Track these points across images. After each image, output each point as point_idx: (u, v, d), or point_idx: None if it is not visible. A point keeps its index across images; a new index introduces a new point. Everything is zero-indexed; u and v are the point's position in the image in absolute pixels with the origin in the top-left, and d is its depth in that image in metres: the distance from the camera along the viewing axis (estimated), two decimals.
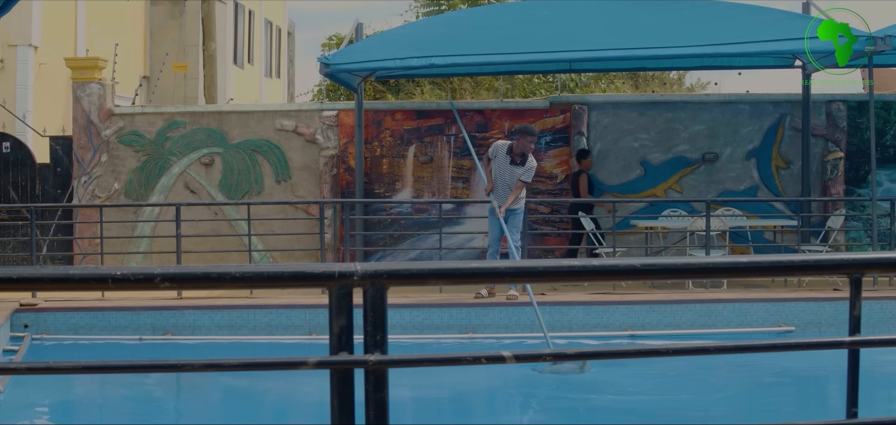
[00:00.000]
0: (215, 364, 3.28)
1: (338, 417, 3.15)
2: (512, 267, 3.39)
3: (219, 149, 18.94)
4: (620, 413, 10.71)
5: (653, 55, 16.66)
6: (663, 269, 3.71)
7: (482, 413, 11.09)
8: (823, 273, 3.75)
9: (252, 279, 3.17)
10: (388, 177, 18.75)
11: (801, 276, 15.53)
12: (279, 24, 44.00)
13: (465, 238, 18.57)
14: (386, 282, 3.17)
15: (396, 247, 18.80)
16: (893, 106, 18.81)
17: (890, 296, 14.61)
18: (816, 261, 4.08)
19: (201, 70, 27.57)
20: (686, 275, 3.71)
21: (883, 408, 9.75)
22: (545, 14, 16.35)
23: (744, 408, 10.87)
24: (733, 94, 19.45)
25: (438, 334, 13.91)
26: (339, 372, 3.13)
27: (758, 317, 14.12)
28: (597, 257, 16.62)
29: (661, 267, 3.64)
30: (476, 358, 3.26)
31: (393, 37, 17.23)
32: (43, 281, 3.34)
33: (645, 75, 28.34)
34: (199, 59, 28.59)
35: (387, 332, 3.17)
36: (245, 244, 18.08)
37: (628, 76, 27.47)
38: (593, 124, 18.68)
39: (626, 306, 14.25)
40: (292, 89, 46.15)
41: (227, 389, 11.50)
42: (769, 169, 18.79)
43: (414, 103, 20.64)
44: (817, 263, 4.22)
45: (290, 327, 14.04)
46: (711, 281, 15.85)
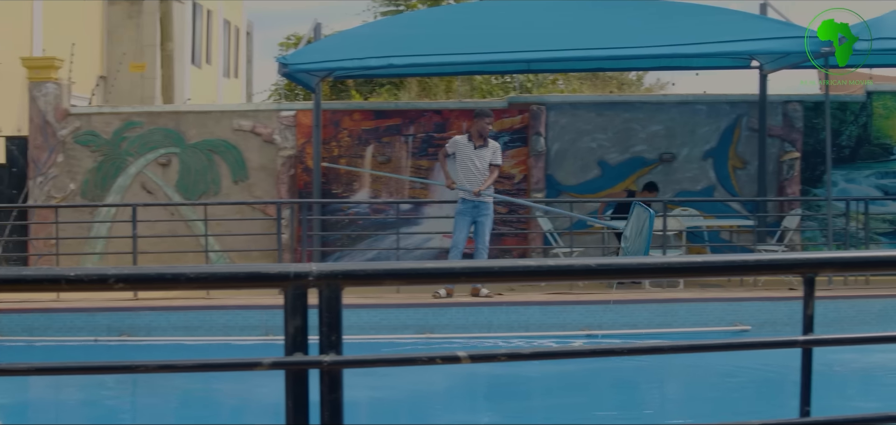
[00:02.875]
0: (169, 365, 3.26)
1: (292, 417, 3.14)
2: (468, 267, 3.39)
3: (176, 150, 18.86)
4: (576, 412, 10.73)
5: (611, 55, 16.70)
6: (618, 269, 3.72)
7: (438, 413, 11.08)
8: (777, 272, 3.77)
9: (207, 280, 3.16)
10: (346, 178, 18.72)
11: (756, 276, 15.61)
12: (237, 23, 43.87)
13: (423, 238, 18.57)
14: (341, 282, 3.16)
15: (354, 248, 18.78)
16: (849, 106, 18.93)
17: (845, 295, 14.70)
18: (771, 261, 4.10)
19: (159, 70, 27.47)
20: (642, 275, 3.72)
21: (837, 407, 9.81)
22: (504, 14, 16.36)
23: (699, 408, 10.91)
24: (690, 95, 19.55)
25: (396, 334, 13.90)
26: (294, 372, 3.13)
27: (714, 317, 14.18)
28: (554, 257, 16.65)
29: (617, 266, 3.65)
30: (431, 359, 3.26)
31: (351, 37, 17.20)
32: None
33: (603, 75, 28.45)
34: (157, 59, 28.48)
35: (342, 333, 3.17)
36: (202, 245, 18.02)
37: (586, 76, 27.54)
38: (551, 124, 18.71)
39: (583, 306, 14.29)
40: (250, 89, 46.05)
41: (184, 390, 11.45)
42: (726, 169, 18.88)
43: (372, 103, 20.63)
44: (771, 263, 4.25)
45: (247, 328, 14.01)
46: (668, 280, 15.91)
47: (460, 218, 15.13)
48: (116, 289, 3.10)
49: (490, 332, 13.83)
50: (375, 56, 15.76)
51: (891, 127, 18.96)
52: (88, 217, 18.78)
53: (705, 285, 16.05)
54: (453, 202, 18.02)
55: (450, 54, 16.34)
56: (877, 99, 19.01)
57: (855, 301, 14.50)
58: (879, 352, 12.34)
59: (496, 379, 11.89)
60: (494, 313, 14.17)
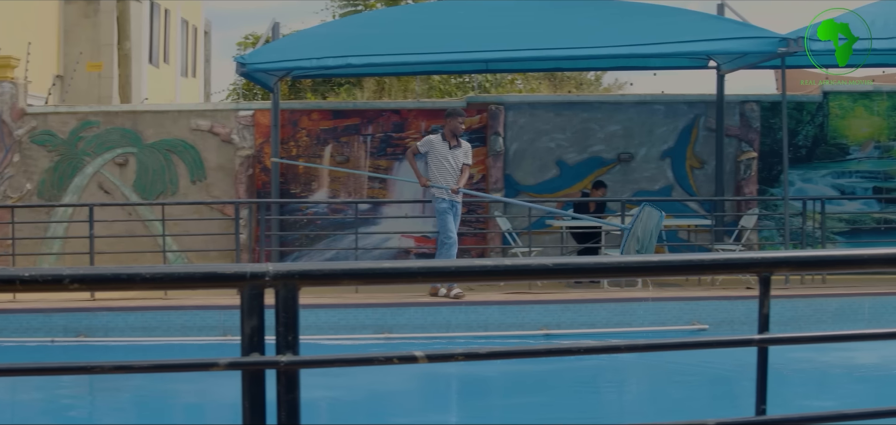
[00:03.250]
0: (126, 366, 3.24)
1: (249, 418, 3.13)
2: (425, 267, 3.39)
3: (133, 149, 18.77)
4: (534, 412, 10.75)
5: (569, 55, 16.72)
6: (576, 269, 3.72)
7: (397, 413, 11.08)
8: (734, 272, 3.78)
9: (163, 280, 3.14)
10: (305, 178, 18.68)
11: (713, 275, 15.67)
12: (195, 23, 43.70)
13: (382, 238, 18.57)
14: (298, 282, 3.15)
15: (312, 248, 18.75)
16: (806, 106, 19.05)
17: (802, 294, 14.78)
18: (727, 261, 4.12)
19: (116, 69, 27.33)
20: (599, 275, 3.73)
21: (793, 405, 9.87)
22: (462, 14, 16.37)
23: (657, 406, 10.95)
24: (648, 95, 19.62)
25: (354, 334, 13.89)
26: (251, 373, 3.12)
27: (672, 316, 14.23)
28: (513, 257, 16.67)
29: (574, 266, 3.65)
30: (388, 359, 3.25)
31: (309, 36, 17.17)
32: None
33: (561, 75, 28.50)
34: (114, 58, 28.33)
35: (299, 333, 3.16)
36: (159, 245, 17.95)
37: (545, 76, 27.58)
38: (510, 124, 18.74)
39: (542, 305, 14.31)
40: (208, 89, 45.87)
41: (142, 391, 11.41)
42: (683, 169, 18.96)
43: (330, 103, 20.59)
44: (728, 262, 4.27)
45: (205, 328, 13.96)
46: (627, 280, 15.96)
47: (446, 216, 15.12)
48: (72, 290, 3.08)
49: (449, 332, 13.85)
50: (333, 56, 15.73)
51: (847, 127, 19.10)
52: (45, 217, 18.66)
53: (663, 284, 16.11)
54: (412, 202, 18.06)
55: (408, 54, 16.33)
56: (833, 99, 19.14)
57: (812, 300, 14.59)
58: (835, 351, 12.42)
59: (455, 379, 11.90)
60: (453, 313, 14.17)
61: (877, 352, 12.60)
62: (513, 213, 17.94)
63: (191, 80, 42.92)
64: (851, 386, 11.85)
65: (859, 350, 12.55)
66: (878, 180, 19.19)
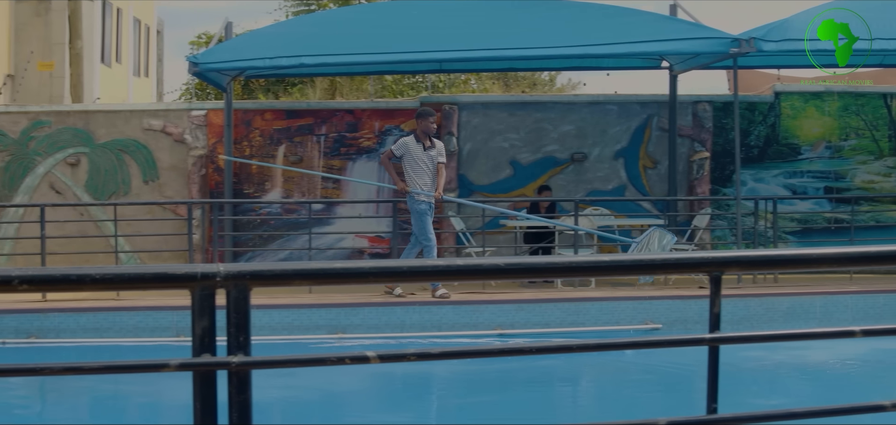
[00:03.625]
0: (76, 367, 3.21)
1: (200, 418, 3.12)
2: (377, 267, 3.38)
3: (85, 149, 18.65)
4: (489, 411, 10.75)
5: (522, 56, 16.75)
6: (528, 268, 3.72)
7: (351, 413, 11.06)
8: (685, 271, 3.80)
9: (113, 281, 3.12)
10: (258, 178, 18.63)
11: (664, 274, 15.74)
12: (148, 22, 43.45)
13: (335, 238, 18.55)
14: (249, 282, 3.14)
15: (266, 248, 18.70)
16: (758, 107, 19.16)
17: (754, 293, 14.86)
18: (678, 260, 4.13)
19: (67, 69, 27.12)
20: (551, 274, 3.74)
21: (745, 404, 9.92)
22: (416, 14, 16.37)
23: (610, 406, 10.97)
24: (601, 95, 19.67)
25: (308, 334, 13.86)
26: (202, 374, 3.10)
27: (625, 315, 14.27)
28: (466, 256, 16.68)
29: (526, 266, 3.65)
30: (340, 359, 3.24)
31: (263, 36, 17.11)
32: None
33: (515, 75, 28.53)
34: (66, 57, 28.12)
35: (250, 334, 3.15)
36: (112, 245, 17.84)
37: (497, 76, 27.61)
38: (463, 124, 18.75)
39: (496, 305, 14.32)
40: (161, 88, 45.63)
41: (95, 393, 11.33)
42: (637, 168, 19.03)
43: (284, 103, 20.53)
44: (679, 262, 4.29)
45: (157, 329, 13.89)
46: (580, 279, 16.00)
47: (425, 217, 15.11)
48: (21, 291, 3.06)
49: (403, 332, 13.83)
50: (287, 55, 15.71)
51: (798, 127, 19.22)
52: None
53: (617, 284, 16.16)
54: (366, 202, 18.05)
55: (362, 54, 16.30)
56: (785, 99, 19.26)
57: (764, 299, 14.67)
58: (787, 350, 12.49)
59: (410, 379, 11.89)
60: (407, 313, 14.16)
61: (828, 351, 12.69)
62: (466, 213, 17.94)
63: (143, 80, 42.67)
64: (802, 384, 11.93)
65: (810, 348, 12.63)
66: (830, 180, 19.32)
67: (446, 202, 16.97)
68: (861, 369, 12.55)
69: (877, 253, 3.78)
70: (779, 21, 15.45)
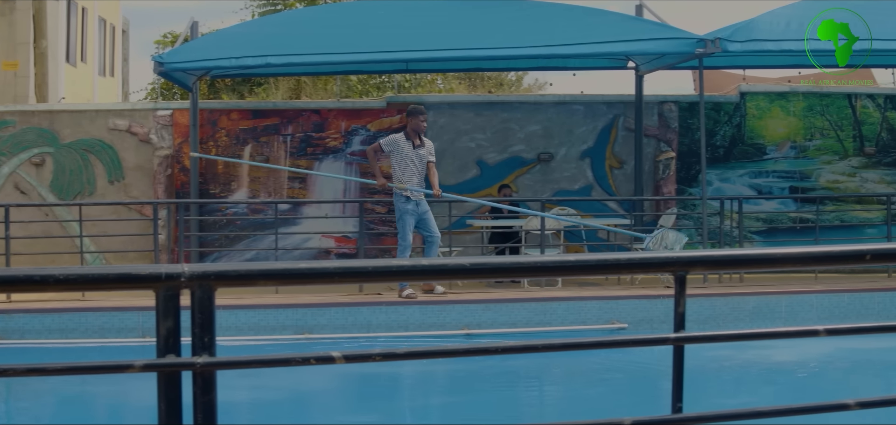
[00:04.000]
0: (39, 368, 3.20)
1: (165, 419, 3.11)
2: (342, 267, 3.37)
3: (50, 149, 18.56)
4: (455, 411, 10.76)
5: (489, 56, 16.78)
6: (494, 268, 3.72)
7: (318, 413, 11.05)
8: (650, 271, 3.80)
9: (76, 281, 3.10)
10: (224, 178, 18.59)
11: (629, 274, 15.78)
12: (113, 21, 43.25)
13: (302, 238, 18.52)
14: (214, 283, 3.13)
15: (232, 248, 18.65)
16: (723, 107, 19.24)
17: (721, 293, 14.91)
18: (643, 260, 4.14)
19: (32, 68, 26.98)
20: (517, 274, 3.74)
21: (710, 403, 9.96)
22: (382, 14, 16.36)
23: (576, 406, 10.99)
24: (568, 95, 19.70)
25: (274, 335, 13.83)
26: (166, 374, 3.09)
27: (591, 315, 14.30)
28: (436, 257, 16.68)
29: (492, 266, 3.65)
30: (305, 359, 3.23)
31: (229, 35, 17.07)
32: None
33: (481, 75, 28.52)
34: (30, 56, 27.96)
35: (215, 334, 3.14)
36: (77, 246, 17.76)
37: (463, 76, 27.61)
38: (430, 124, 18.74)
39: (462, 305, 14.32)
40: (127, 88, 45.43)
41: (59, 394, 11.28)
42: (603, 168, 19.08)
43: (250, 103, 20.48)
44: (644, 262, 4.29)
45: (123, 330, 13.84)
46: (547, 279, 16.03)
47: (407, 217, 15.04)
48: None
49: (370, 332, 13.83)
50: (253, 55, 15.68)
51: (764, 127, 19.31)
52: None
53: (583, 283, 16.19)
54: (333, 202, 18.04)
55: (328, 54, 16.28)
56: (750, 99, 19.35)
57: (730, 298, 14.72)
58: (753, 349, 12.54)
59: (377, 379, 11.89)
60: (374, 313, 14.15)
61: (793, 350, 12.75)
62: (433, 213, 17.95)
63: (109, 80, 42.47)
64: (767, 383, 11.98)
65: (776, 348, 12.68)
66: (795, 180, 19.42)
67: (452, 201, 16.90)
68: (826, 368, 12.62)
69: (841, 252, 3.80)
70: (744, 21, 15.50)
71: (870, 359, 12.53)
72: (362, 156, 18.34)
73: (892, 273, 17.36)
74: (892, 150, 19.58)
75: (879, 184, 19.53)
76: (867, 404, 3.72)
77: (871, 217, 19.48)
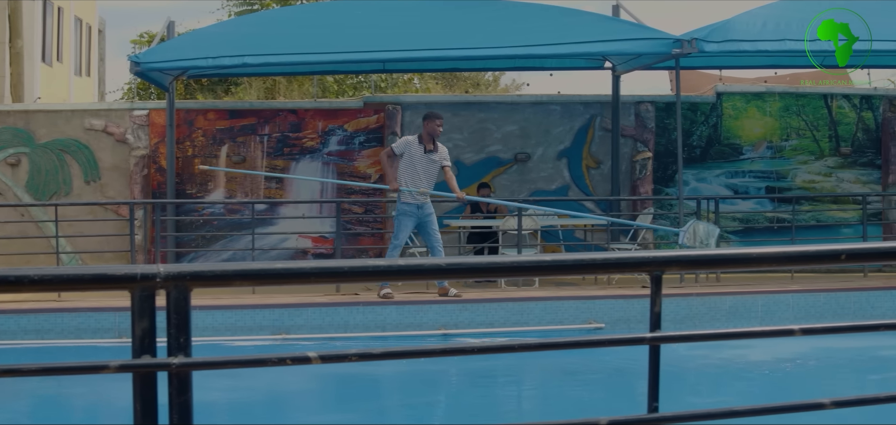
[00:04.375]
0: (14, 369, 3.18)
1: (140, 419, 3.10)
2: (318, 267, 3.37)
3: (25, 149, 18.50)
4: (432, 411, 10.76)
5: (466, 56, 16.79)
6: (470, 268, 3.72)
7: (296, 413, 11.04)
8: (626, 271, 3.81)
9: (51, 282, 3.09)
10: (201, 178, 18.55)
11: (605, 274, 15.80)
12: (89, 21, 43.10)
13: (279, 238, 18.50)
14: (189, 283, 3.12)
15: (209, 248, 18.62)
16: (700, 107, 19.29)
17: (697, 293, 14.94)
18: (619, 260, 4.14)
19: (7, 68, 26.88)
20: (493, 274, 3.73)
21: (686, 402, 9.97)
22: (359, 14, 16.35)
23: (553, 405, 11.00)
24: (545, 95, 19.72)
25: (251, 335, 13.81)
26: (142, 375, 3.08)
27: (568, 315, 14.31)
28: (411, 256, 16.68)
29: (468, 266, 3.65)
30: (281, 359, 3.23)
31: (205, 35, 17.04)
32: None
33: (458, 75, 28.55)
34: (6, 56, 27.84)
35: (191, 334, 3.13)
36: (53, 246, 17.69)
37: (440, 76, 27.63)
38: (407, 124, 18.75)
39: (439, 305, 14.32)
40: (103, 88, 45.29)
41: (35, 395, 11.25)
42: (580, 168, 19.11)
43: (226, 103, 20.46)
44: (620, 261, 4.30)
45: (99, 330, 13.79)
46: (524, 279, 16.03)
47: (405, 219, 14.85)
48: None
49: (347, 333, 13.82)
50: (230, 55, 15.65)
51: (740, 127, 19.37)
52: None
53: (560, 283, 16.21)
54: (310, 202, 18.02)
55: (305, 54, 16.28)
56: (726, 100, 19.41)
57: (706, 298, 14.75)
58: (729, 348, 12.57)
59: (355, 379, 11.87)
60: (351, 313, 14.14)
61: (769, 350, 12.78)
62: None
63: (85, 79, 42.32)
64: (743, 382, 12.01)
65: (752, 347, 12.72)
66: (771, 180, 19.49)
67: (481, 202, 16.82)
68: (802, 367, 12.65)
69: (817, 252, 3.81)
70: (720, 22, 15.55)
71: (845, 359, 12.58)
72: (339, 157, 18.34)
73: (868, 273, 17.43)
74: (867, 151, 19.67)
75: (855, 184, 19.62)
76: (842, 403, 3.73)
77: (846, 217, 19.56)
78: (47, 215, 18.09)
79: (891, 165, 19.49)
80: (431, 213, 15.08)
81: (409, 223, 14.93)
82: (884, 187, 19.53)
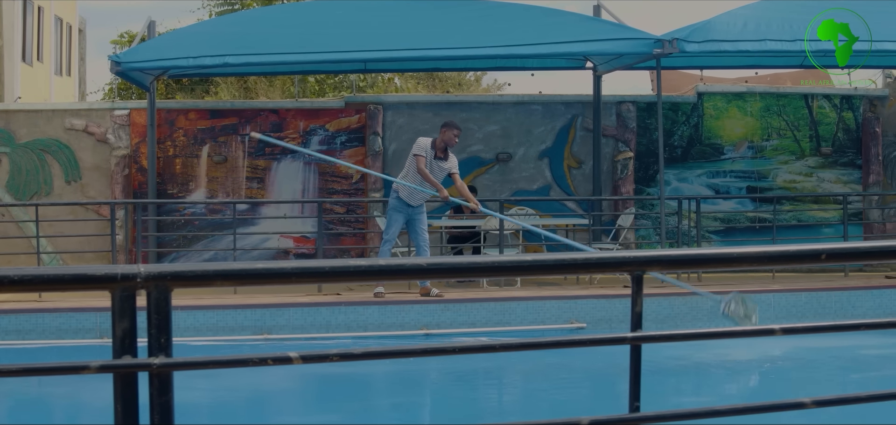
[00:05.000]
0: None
1: (121, 420, 3.09)
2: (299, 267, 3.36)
3: (6, 149, 18.44)
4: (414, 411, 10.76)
5: (447, 56, 16.79)
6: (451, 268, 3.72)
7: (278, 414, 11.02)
8: (607, 271, 3.82)
9: (31, 282, 3.08)
10: (182, 178, 18.52)
11: (586, 274, 15.81)
12: (70, 20, 42.96)
13: (260, 238, 18.48)
14: (170, 283, 3.11)
15: (190, 249, 18.58)
16: (681, 107, 19.32)
17: (679, 293, 14.94)
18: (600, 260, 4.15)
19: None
20: (474, 274, 3.73)
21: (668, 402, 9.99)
22: (340, 13, 16.33)
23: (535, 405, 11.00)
24: (526, 95, 19.72)
25: (233, 335, 13.79)
26: (122, 375, 3.07)
27: (550, 315, 14.32)
28: None
29: (449, 266, 3.65)
30: (262, 360, 3.23)
31: (186, 35, 17.01)
32: None
33: (440, 75, 28.53)
34: None
35: (171, 335, 3.12)
36: (33, 246, 17.63)
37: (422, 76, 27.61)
38: (389, 124, 18.75)
39: (421, 305, 14.32)
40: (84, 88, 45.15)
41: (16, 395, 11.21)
42: (561, 168, 19.12)
43: (208, 102, 20.42)
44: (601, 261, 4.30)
45: (80, 331, 13.75)
46: (506, 279, 16.04)
47: (396, 214, 14.82)
48: None
49: (329, 333, 13.80)
50: (210, 54, 15.62)
51: (721, 127, 19.41)
52: None
53: (542, 283, 16.21)
54: (291, 202, 18.00)
55: (287, 53, 16.26)
56: (707, 100, 19.44)
57: (688, 298, 14.75)
58: (709, 348, 12.59)
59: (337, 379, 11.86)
60: (333, 313, 14.13)
61: (750, 349, 12.82)
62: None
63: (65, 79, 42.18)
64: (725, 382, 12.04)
65: (733, 347, 12.75)
66: (752, 180, 19.53)
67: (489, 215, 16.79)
68: (783, 367, 12.69)
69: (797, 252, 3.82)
70: (701, 22, 15.57)
71: (826, 358, 12.61)
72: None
73: (849, 272, 17.48)
74: (848, 151, 19.72)
75: (836, 183, 19.68)
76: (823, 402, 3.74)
77: (827, 216, 19.62)
78: (28, 215, 18.04)
79: (871, 165, 19.54)
80: (423, 212, 15.08)
81: (399, 218, 14.92)
82: (864, 187, 19.59)
